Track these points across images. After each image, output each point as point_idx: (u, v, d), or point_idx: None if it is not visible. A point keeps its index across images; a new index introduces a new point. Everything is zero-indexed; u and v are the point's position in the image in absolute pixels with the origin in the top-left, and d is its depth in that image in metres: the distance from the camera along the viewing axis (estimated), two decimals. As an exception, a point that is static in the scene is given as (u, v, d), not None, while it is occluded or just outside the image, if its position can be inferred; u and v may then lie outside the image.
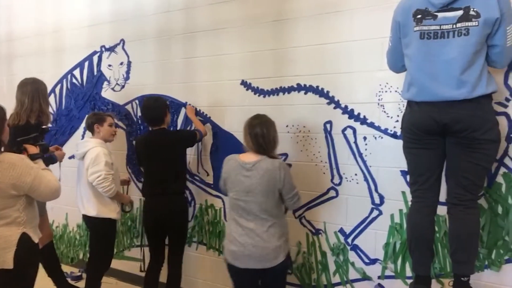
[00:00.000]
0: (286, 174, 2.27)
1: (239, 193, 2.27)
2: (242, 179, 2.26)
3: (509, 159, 2.14)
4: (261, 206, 2.23)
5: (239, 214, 2.28)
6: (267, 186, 2.23)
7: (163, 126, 2.86)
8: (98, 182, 2.78)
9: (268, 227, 2.23)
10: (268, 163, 2.25)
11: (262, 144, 2.27)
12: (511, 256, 2.16)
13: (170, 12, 3.26)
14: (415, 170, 2.06)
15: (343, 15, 2.55)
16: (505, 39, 1.87)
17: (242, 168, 2.28)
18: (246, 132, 2.32)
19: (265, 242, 2.21)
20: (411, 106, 2.02)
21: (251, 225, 2.24)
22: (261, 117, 2.36)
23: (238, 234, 2.25)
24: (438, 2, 1.89)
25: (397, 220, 2.45)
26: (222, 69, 3.03)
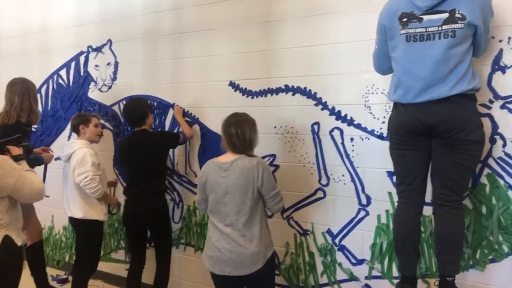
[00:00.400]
0: (265, 172, 2.16)
1: (218, 196, 2.17)
2: (219, 180, 2.18)
3: (493, 160, 2.18)
4: (239, 208, 2.13)
5: (218, 218, 2.19)
6: (244, 186, 2.13)
7: (144, 127, 2.87)
8: (86, 183, 2.76)
9: (246, 231, 2.12)
10: (245, 161, 2.16)
11: (236, 143, 2.18)
12: (495, 256, 2.19)
13: (158, 13, 3.25)
14: (401, 171, 2.08)
15: (330, 17, 2.56)
16: (486, 39, 1.96)
17: (219, 169, 2.19)
18: (222, 131, 2.26)
19: (241, 247, 2.10)
20: (397, 107, 2.04)
21: (228, 229, 2.14)
22: (238, 115, 2.28)
23: (216, 238, 2.17)
24: (423, 5, 1.91)
25: (383, 220, 2.47)
26: (210, 70, 3.02)
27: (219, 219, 2.18)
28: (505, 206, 2.15)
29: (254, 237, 2.13)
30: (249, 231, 2.13)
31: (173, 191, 3.24)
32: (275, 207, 2.26)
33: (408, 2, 1.96)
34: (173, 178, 3.23)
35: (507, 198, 2.15)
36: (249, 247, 2.11)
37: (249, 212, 2.14)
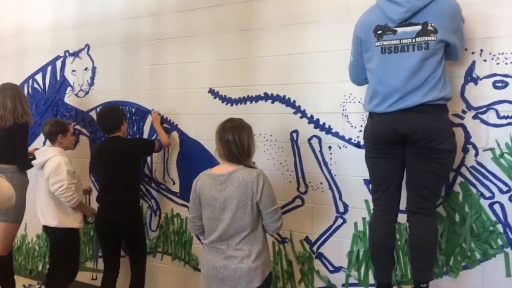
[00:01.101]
0: (265, 185, 2.01)
1: (215, 211, 2.02)
2: (216, 194, 2.01)
3: (466, 169, 2.23)
4: (237, 223, 1.99)
5: (213, 236, 2.04)
6: (243, 199, 1.98)
7: (118, 133, 2.83)
8: (61, 192, 2.71)
9: (243, 246, 1.99)
10: (244, 173, 2.00)
11: (234, 152, 2.02)
12: (468, 263, 2.24)
13: (137, 18, 3.23)
14: (376, 179, 2.11)
15: (309, 27, 2.59)
16: (459, 49, 2.01)
17: (215, 181, 2.03)
18: (217, 138, 2.07)
19: (238, 263, 1.97)
20: (372, 117, 2.08)
21: (224, 246, 2.01)
22: (235, 120, 2.12)
23: (210, 256, 2.05)
24: (396, 18, 1.96)
25: (360, 228, 2.49)
26: (189, 77, 3.01)
27: (215, 236, 2.03)
28: (477, 214, 2.20)
29: (252, 253, 1.99)
30: (246, 246, 2.00)
31: (151, 198, 3.20)
32: (272, 225, 2.06)
33: (382, 14, 2.00)
34: (151, 185, 3.19)
35: (479, 206, 2.20)
36: (246, 262, 1.97)
37: (248, 228, 2.00)
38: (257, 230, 2.04)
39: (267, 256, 2.08)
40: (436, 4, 1.92)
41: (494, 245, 2.18)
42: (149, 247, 3.16)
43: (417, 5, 1.92)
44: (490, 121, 2.18)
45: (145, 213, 3.20)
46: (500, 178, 2.17)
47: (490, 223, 2.18)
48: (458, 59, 2.11)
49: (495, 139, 2.16)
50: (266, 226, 2.08)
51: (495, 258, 2.18)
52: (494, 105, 2.16)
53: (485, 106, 2.18)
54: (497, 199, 2.17)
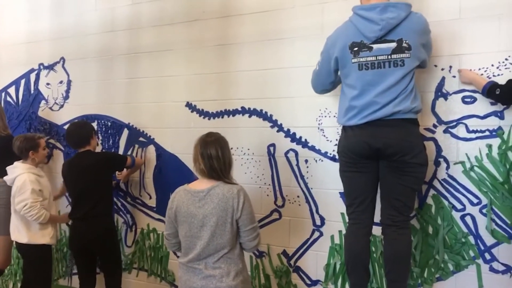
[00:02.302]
0: (246, 202, 1.96)
1: (193, 229, 1.94)
2: (194, 210, 1.94)
3: (438, 182, 2.29)
4: (216, 241, 1.92)
5: (191, 255, 1.96)
6: (223, 216, 1.91)
7: (88, 148, 2.79)
8: (25, 211, 2.69)
9: (222, 264, 1.93)
10: (224, 189, 1.94)
11: (216, 167, 1.96)
12: (442, 274, 2.28)
13: (114, 32, 3.21)
14: (351, 193, 2.14)
15: (284, 43, 2.63)
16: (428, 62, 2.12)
17: (193, 197, 1.96)
18: (197, 152, 1.99)
19: (217, 282, 1.91)
20: (346, 131, 2.11)
21: (202, 265, 1.94)
22: (215, 135, 2.06)
23: (187, 277, 1.97)
24: (371, 35, 2.01)
25: (337, 241, 2.51)
26: (166, 91, 3.01)
27: (192, 255, 1.95)
28: (449, 226, 2.25)
29: (231, 271, 1.93)
30: (225, 264, 1.94)
31: (126, 213, 3.15)
32: (250, 243, 2.00)
33: (357, 32, 2.04)
34: (126, 200, 3.15)
35: (451, 218, 2.25)
36: (225, 280, 1.91)
37: (227, 246, 1.94)
38: (236, 248, 1.99)
39: (246, 274, 2.04)
40: (409, 22, 1.99)
41: (466, 256, 2.23)
42: (125, 263, 3.10)
43: (392, 23, 1.97)
44: (460, 135, 2.24)
45: (120, 229, 3.15)
46: (470, 190, 2.23)
47: (462, 235, 2.23)
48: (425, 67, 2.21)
49: (465, 153, 2.23)
50: (243, 244, 2.02)
51: (468, 269, 2.23)
52: (464, 119, 2.23)
53: (455, 121, 2.25)
54: (468, 211, 2.23)
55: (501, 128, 2.16)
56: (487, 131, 2.19)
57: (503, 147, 2.15)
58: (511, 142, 2.14)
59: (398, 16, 1.97)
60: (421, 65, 2.09)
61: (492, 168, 2.18)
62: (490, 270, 2.19)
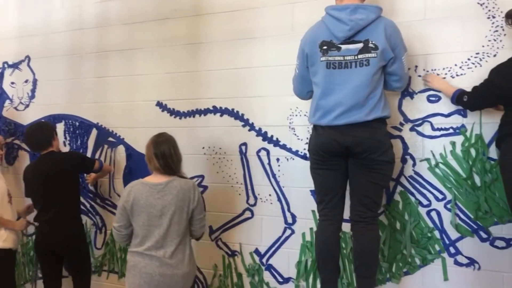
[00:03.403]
0: (199, 194, 2.24)
1: (152, 218, 2.12)
2: (153, 201, 2.13)
3: (405, 178, 2.35)
4: (174, 229, 2.13)
5: (147, 243, 2.11)
6: (181, 206, 2.14)
7: (51, 149, 2.70)
8: None
9: (178, 252, 2.13)
10: (181, 182, 2.18)
11: (171, 165, 2.18)
12: (409, 269, 2.34)
13: (82, 30, 3.15)
14: (321, 190, 2.16)
15: (255, 42, 2.64)
16: (402, 69, 2.09)
17: (152, 189, 2.14)
18: (151, 152, 2.19)
19: (173, 269, 2.10)
20: (317, 129, 2.14)
21: (160, 252, 2.10)
22: (164, 135, 2.28)
23: (144, 264, 2.10)
24: (341, 35, 2.04)
25: (308, 238, 2.54)
26: (136, 90, 2.97)
27: (149, 242, 2.11)
28: (416, 221, 2.31)
29: (185, 258, 2.15)
30: (181, 252, 2.14)
31: (95, 215, 3.09)
32: (199, 231, 2.27)
33: (327, 31, 2.08)
34: (96, 201, 3.09)
35: (418, 214, 2.31)
36: (181, 267, 2.12)
37: (182, 234, 2.16)
38: (187, 236, 2.21)
39: (194, 259, 2.26)
40: (377, 23, 2.03)
41: (432, 250, 2.30)
42: (94, 266, 3.04)
43: (360, 24, 2.01)
44: (425, 133, 2.31)
45: (89, 230, 3.08)
46: (435, 186, 2.29)
47: (428, 230, 2.30)
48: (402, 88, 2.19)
49: (431, 150, 2.29)
50: (194, 231, 2.25)
51: (433, 263, 2.29)
52: (429, 118, 2.30)
53: (421, 119, 2.32)
54: (433, 206, 2.30)
55: (464, 126, 2.24)
56: (451, 129, 2.26)
57: (466, 144, 2.23)
58: (473, 140, 2.22)
59: (367, 17, 2.01)
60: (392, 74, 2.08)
61: (455, 164, 2.25)
62: (455, 263, 2.26)
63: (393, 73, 2.08)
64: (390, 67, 2.07)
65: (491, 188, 2.19)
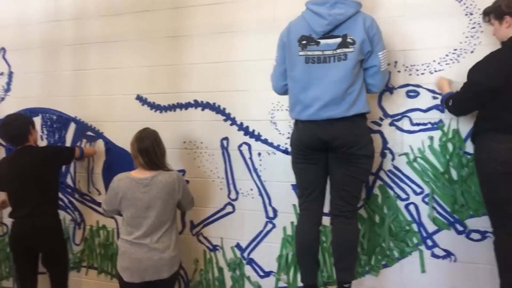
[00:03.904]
0: (183, 184, 2.36)
1: (139, 211, 2.25)
2: (140, 195, 2.25)
3: (384, 173, 2.38)
4: (160, 219, 2.26)
5: (136, 232, 2.25)
6: (166, 199, 2.27)
7: (28, 143, 2.64)
8: None
9: (164, 238, 2.26)
10: (166, 176, 2.28)
11: (155, 160, 2.28)
12: (388, 261, 2.38)
13: (59, 22, 3.07)
14: (302, 184, 2.17)
15: (237, 36, 2.63)
16: (379, 62, 2.09)
17: (138, 184, 2.26)
18: (135, 149, 2.30)
19: (161, 253, 2.24)
20: (297, 124, 2.14)
21: (147, 240, 2.24)
22: (148, 130, 2.36)
23: (133, 250, 2.24)
24: (320, 30, 2.05)
25: (289, 232, 2.55)
26: (115, 83, 2.92)
27: (138, 232, 2.25)
28: (394, 215, 2.35)
29: (172, 243, 2.28)
30: (167, 237, 2.28)
31: (74, 210, 3.04)
32: (189, 206, 2.50)
33: (307, 26, 2.08)
34: (74, 196, 3.04)
35: (396, 207, 2.35)
36: (167, 252, 2.25)
37: (168, 222, 2.30)
38: (174, 223, 2.34)
39: (180, 245, 2.41)
40: (356, 18, 2.04)
41: (410, 243, 2.34)
42: (73, 262, 3.00)
43: (339, 19, 2.02)
44: (404, 128, 2.34)
45: (67, 226, 3.04)
46: (414, 180, 2.33)
47: (406, 223, 2.34)
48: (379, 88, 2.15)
49: (409, 145, 2.33)
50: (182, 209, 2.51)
51: (411, 255, 2.34)
52: (408, 113, 2.33)
53: (400, 114, 2.34)
54: (411, 200, 2.34)
55: (442, 121, 2.27)
56: (429, 124, 2.30)
57: (444, 139, 2.27)
58: (450, 134, 2.26)
59: (346, 12, 2.02)
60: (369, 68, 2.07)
61: (433, 159, 2.29)
62: (432, 255, 2.31)
63: (370, 65, 2.07)
64: (367, 61, 2.07)
65: (467, 182, 2.23)
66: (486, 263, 2.19)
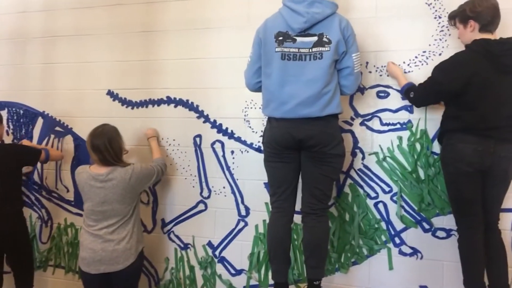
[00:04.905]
0: (138, 175, 2.33)
1: (95, 204, 2.28)
2: (96, 190, 2.27)
3: (354, 171, 2.42)
4: (116, 212, 2.28)
5: (92, 222, 2.29)
6: (122, 194, 2.28)
7: None
8: None
9: (120, 230, 2.28)
10: (121, 172, 2.28)
11: (108, 158, 2.28)
12: (357, 259, 2.42)
13: (27, 13, 2.97)
14: (275, 182, 2.18)
15: (211, 32, 2.61)
16: (353, 63, 2.11)
17: (95, 180, 2.28)
18: (88, 146, 2.31)
19: (115, 245, 2.25)
20: (271, 122, 2.15)
21: (102, 231, 2.27)
22: (104, 127, 2.34)
23: (89, 241, 2.27)
24: (296, 27, 2.06)
25: (261, 230, 2.56)
26: (86, 77, 2.85)
27: (94, 223, 2.29)
28: (364, 213, 2.39)
29: (127, 235, 2.29)
30: (122, 229, 2.29)
31: (41, 208, 2.95)
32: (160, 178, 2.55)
33: (284, 22, 2.09)
34: (41, 193, 2.95)
35: (366, 206, 2.40)
36: (122, 243, 2.26)
37: (125, 214, 2.30)
38: (131, 217, 2.33)
39: (139, 235, 2.39)
40: (332, 18, 2.06)
41: (378, 241, 2.39)
42: (39, 261, 2.91)
43: (316, 17, 2.03)
44: (374, 128, 2.39)
45: (34, 224, 2.95)
46: (383, 179, 2.38)
47: (375, 221, 2.39)
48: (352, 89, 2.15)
49: (379, 144, 2.38)
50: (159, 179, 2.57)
51: (380, 253, 2.39)
52: (378, 113, 2.38)
53: (370, 114, 2.39)
54: (381, 198, 2.39)
55: (411, 122, 2.33)
56: (398, 124, 2.35)
57: (412, 139, 2.32)
58: (419, 135, 2.32)
59: (323, 12, 2.04)
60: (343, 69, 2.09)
61: (402, 158, 2.35)
62: (400, 253, 2.36)
63: (344, 66, 2.09)
64: (341, 62, 2.09)
65: (434, 181, 2.30)
66: (451, 260, 2.26)
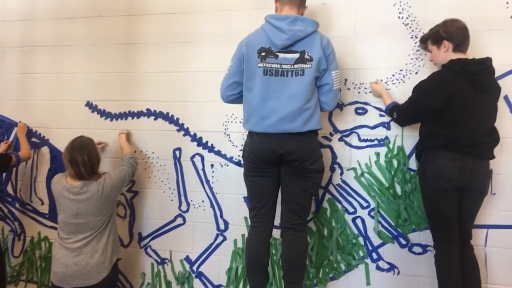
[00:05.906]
0: (113, 185, 2.32)
1: (68, 216, 2.26)
2: (70, 203, 2.26)
3: (333, 186, 2.44)
4: (90, 225, 2.25)
5: (65, 234, 2.27)
6: (96, 207, 2.26)
7: None
8: None
9: (92, 243, 2.25)
10: (95, 185, 2.27)
11: (83, 173, 2.27)
12: (335, 274, 2.42)
13: (5, 22, 2.93)
14: (254, 196, 2.17)
15: (193, 46, 2.63)
16: (332, 80, 2.14)
17: (69, 192, 2.27)
18: (66, 159, 2.30)
19: (88, 259, 2.22)
20: (252, 136, 2.15)
21: (76, 244, 2.24)
22: (81, 139, 2.35)
23: (62, 255, 2.24)
24: (279, 43, 2.08)
25: (240, 245, 2.55)
26: (64, 88, 2.81)
27: (68, 236, 2.26)
28: (342, 228, 2.41)
29: (100, 248, 2.26)
30: (95, 242, 2.26)
31: (14, 220, 2.87)
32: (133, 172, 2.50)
33: (267, 38, 2.11)
34: (14, 206, 2.87)
35: (344, 221, 2.41)
36: (95, 256, 2.23)
37: (100, 226, 2.28)
38: (106, 228, 2.31)
39: (115, 246, 2.36)
40: (314, 36, 2.10)
41: (356, 256, 2.40)
42: (10, 276, 2.82)
43: (299, 35, 2.06)
44: (353, 143, 2.42)
45: (6, 237, 2.86)
46: (361, 195, 2.41)
47: (353, 236, 2.40)
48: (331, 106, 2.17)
49: (357, 160, 2.41)
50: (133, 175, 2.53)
51: (357, 268, 2.40)
52: (356, 129, 2.42)
53: (349, 130, 2.43)
54: (358, 214, 2.41)
55: (388, 138, 2.37)
56: (376, 140, 2.39)
57: (389, 155, 2.36)
58: (396, 151, 2.36)
59: (305, 29, 2.07)
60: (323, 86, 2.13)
61: (379, 174, 2.38)
62: (377, 268, 2.38)
63: (324, 83, 2.13)
64: (321, 78, 2.12)
65: (410, 197, 2.34)
66: (427, 276, 2.29)
